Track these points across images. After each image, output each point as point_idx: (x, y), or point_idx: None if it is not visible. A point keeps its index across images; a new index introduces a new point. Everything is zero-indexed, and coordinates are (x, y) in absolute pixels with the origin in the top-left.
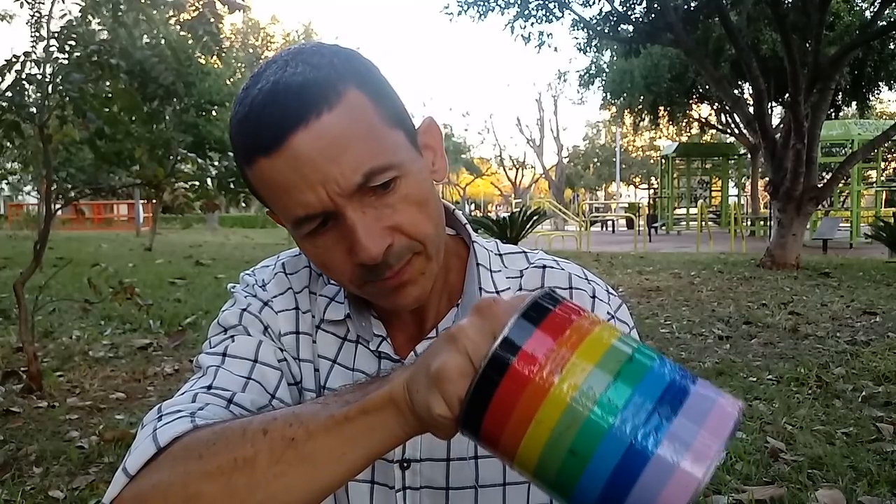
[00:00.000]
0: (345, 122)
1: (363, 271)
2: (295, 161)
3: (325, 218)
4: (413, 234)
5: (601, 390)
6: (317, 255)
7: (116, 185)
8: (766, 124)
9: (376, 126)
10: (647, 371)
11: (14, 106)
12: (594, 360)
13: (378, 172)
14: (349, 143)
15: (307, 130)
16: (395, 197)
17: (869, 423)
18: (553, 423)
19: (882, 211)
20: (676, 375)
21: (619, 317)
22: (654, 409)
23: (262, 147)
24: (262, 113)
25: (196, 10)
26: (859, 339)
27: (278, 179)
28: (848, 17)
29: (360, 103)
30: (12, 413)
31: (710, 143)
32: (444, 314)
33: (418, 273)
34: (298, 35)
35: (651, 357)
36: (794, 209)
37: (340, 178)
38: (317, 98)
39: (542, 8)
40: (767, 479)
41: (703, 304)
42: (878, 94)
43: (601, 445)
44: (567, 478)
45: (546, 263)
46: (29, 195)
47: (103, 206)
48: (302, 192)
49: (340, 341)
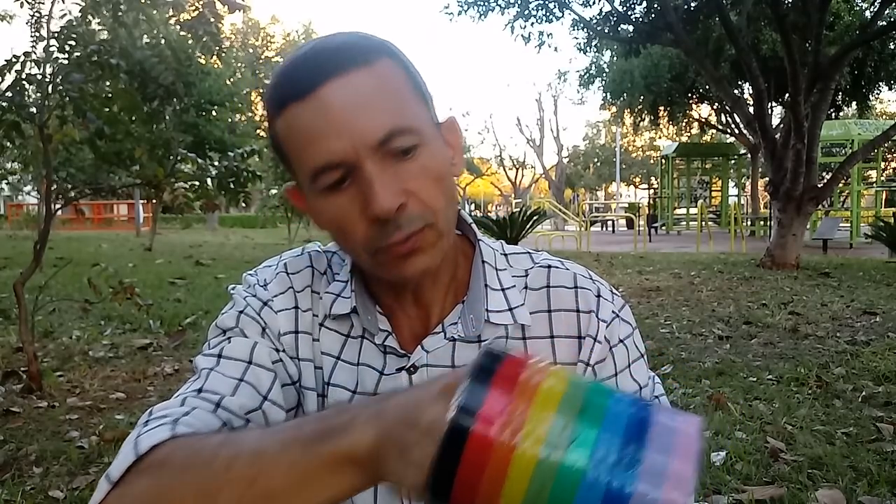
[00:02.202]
0: (376, 80)
1: (375, 232)
2: (325, 108)
3: (345, 174)
4: (427, 203)
5: (567, 439)
6: (331, 216)
7: (116, 185)
8: (766, 124)
9: (405, 93)
10: (606, 411)
11: (14, 106)
12: (552, 410)
13: (401, 133)
14: (378, 99)
15: (339, 80)
16: (415, 165)
17: (869, 423)
18: (525, 482)
19: (882, 211)
20: (633, 408)
21: (623, 317)
22: (622, 448)
23: (295, 93)
24: (300, 65)
25: (196, 10)
26: (859, 339)
27: (306, 126)
28: (848, 17)
29: (392, 71)
30: (12, 413)
31: (710, 143)
32: (450, 310)
33: (428, 244)
34: (298, 35)
35: (605, 394)
36: (794, 209)
37: (365, 130)
38: (353, 55)
39: (542, 8)
40: (767, 479)
41: (703, 304)
42: (878, 94)
43: (579, 495)
44: None
45: (551, 263)
46: (29, 195)
47: (103, 206)
48: (327, 138)
49: (344, 338)
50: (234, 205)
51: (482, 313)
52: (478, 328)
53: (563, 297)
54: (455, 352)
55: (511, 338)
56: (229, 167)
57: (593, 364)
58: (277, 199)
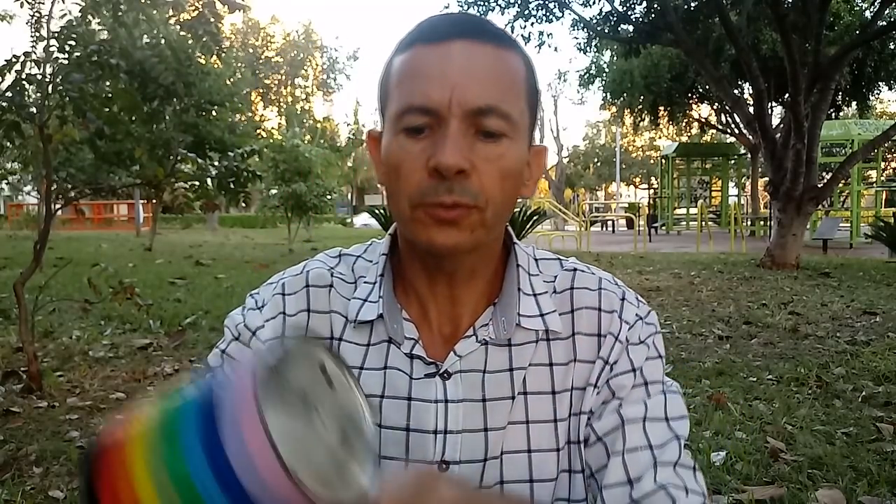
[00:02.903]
0: (500, 63)
1: (428, 186)
2: (445, 58)
3: (429, 123)
4: (486, 188)
5: (162, 456)
6: (396, 158)
7: (116, 185)
8: (766, 124)
9: (518, 92)
10: (180, 428)
11: (14, 106)
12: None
13: (497, 116)
14: (493, 76)
15: (470, 43)
16: (492, 150)
17: (869, 423)
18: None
19: (882, 211)
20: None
21: (647, 321)
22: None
23: (425, 37)
24: (442, 19)
25: (196, 10)
26: (859, 339)
27: (419, 66)
28: (848, 17)
29: (518, 68)
30: (12, 413)
31: (710, 143)
32: (482, 312)
33: (468, 224)
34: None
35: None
36: (794, 209)
37: (468, 93)
38: (494, 32)
39: (542, 8)
40: (767, 479)
41: (703, 304)
42: (878, 94)
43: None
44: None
45: (577, 267)
46: (29, 195)
47: (103, 206)
48: (432, 84)
49: (365, 348)
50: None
51: (514, 317)
52: (509, 331)
53: (585, 297)
54: (487, 357)
55: (538, 340)
56: (229, 167)
57: (612, 362)
58: (277, 199)
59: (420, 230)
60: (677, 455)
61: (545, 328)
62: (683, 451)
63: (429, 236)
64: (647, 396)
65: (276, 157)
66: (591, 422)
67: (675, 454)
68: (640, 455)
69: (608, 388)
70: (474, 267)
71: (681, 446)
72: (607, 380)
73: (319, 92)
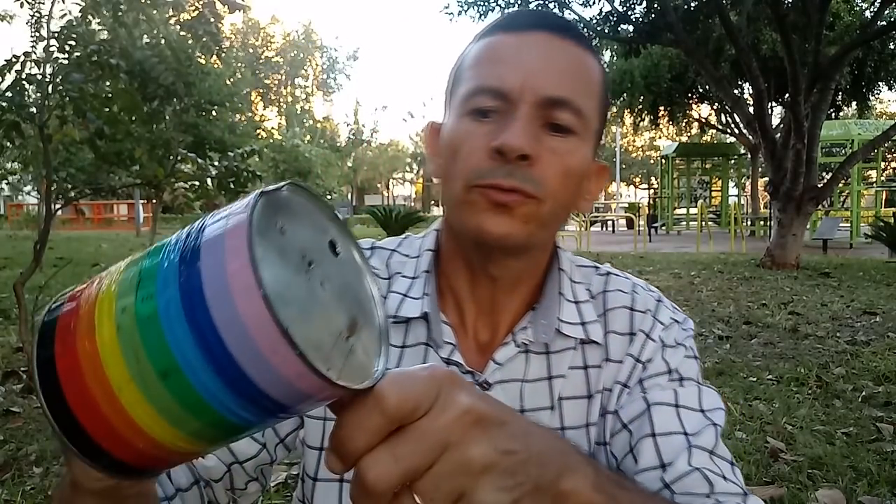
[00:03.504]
0: (578, 62)
1: (487, 166)
2: (525, 46)
3: (497, 107)
4: (546, 180)
5: (130, 301)
6: (458, 138)
7: (116, 185)
8: (766, 124)
9: (593, 92)
10: (160, 260)
11: (14, 106)
12: (115, 286)
13: (568, 110)
14: (569, 73)
15: (551, 36)
16: (560, 146)
17: (869, 423)
18: (118, 353)
19: (882, 211)
20: (182, 243)
21: (685, 326)
22: (181, 264)
23: (507, 26)
24: (526, 11)
25: (196, 10)
26: (859, 339)
27: (498, 51)
28: (848, 17)
29: (594, 71)
30: (12, 413)
31: (710, 143)
32: (521, 315)
33: (522, 214)
34: (298, 35)
35: (155, 253)
36: (794, 209)
37: (543, 82)
38: (576, 33)
39: (542, 8)
40: (767, 479)
41: (703, 304)
42: (878, 94)
43: (165, 326)
44: (186, 398)
45: (611, 271)
46: (29, 195)
47: (103, 206)
48: (507, 68)
49: (400, 350)
50: None
51: (554, 321)
52: (548, 336)
53: (618, 297)
54: (528, 365)
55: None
56: (229, 167)
57: (644, 361)
58: None
59: (471, 214)
60: (713, 443)
61: (586, 337)
62: (720, 442)
63: (479, 222)
64: (679, 386)
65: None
66: (617, 411)
67: (712, 441)
68: (672, 438)
69: (640, 387)
70: (520, 273)
71: (717, 435)
72: (640, 379)
73: (319, 92)
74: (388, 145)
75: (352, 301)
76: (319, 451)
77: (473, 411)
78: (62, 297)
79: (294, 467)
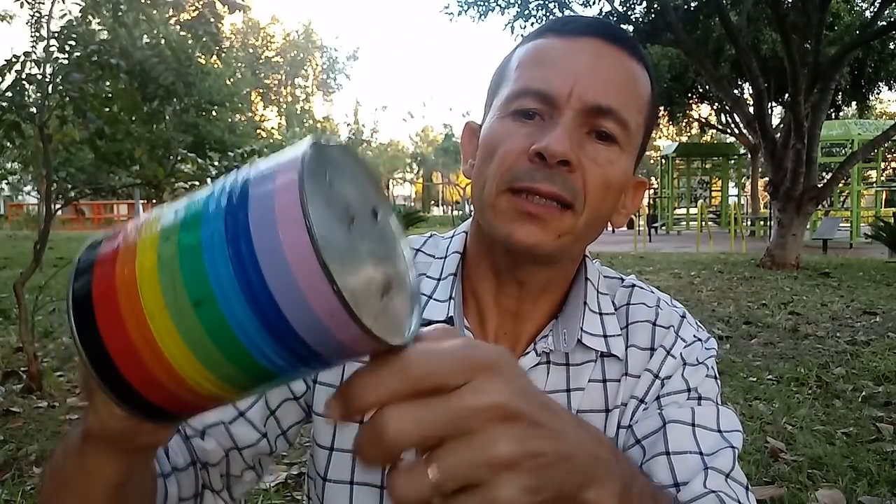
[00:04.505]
0: (629, 74)
1: (525, 169)
2: (576, 51)
3: (541, 110)
4: (588, 190)
5: (174, 228)
6: (495, 138)
7: (116, 185)
8: (766, 124)
9: (642, 105)
10: (205, 201)
11: (14, 106)
12: (157, 225)
13: (614, 120)
14: (618, 83)
15: (604, 44)
16: (602, 155)
17: (869, 423)
18: (155, 277)
19: (882, 211)
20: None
21: (708, 345)
22: (228, 205)
23: (559, 30)
24: (581, 18)
25: (196, 10)
26: (859, 339)
27: (547, 54)
28: (848, 17)
29: (646, 85)
30: (12, 413)
31: (710, 143)
32: (545, 325)
33: (555, 226)
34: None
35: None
36: (794, 209)
37: (591, 89)
38: (630, 44)
39: (542, 8)
40: (767, 479)
41: (703, 304)
42: (878, 94)
43: (206, 257)
44: (216, 330)
45: (636, 284)
46: (29, 195)
47: (103, 206)
48: (556, 72)
49: None
50: None
51: (576, 331)
52: (569, 345)
53: (641, 311)
54: (549, 376)
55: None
56: (229, 167)
57: (663, 378)
58: None
59: (501, 221)
60: (730, 466)
61: (608, 351)
62: (737, 466)
63: (510, 230)
64: (697, 405)
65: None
66: (631, 426)
67: (729, 464)
68: (687, 458)
69: (657, 403)
70: (547, 281)
71: (734, 458)
72: (657, 396)
73: (319, 92)
74: (388, 145)
75: (388, 263)
76: (330, 451)
77: (504, 407)
78: (103, 236)
79: (294, 467)
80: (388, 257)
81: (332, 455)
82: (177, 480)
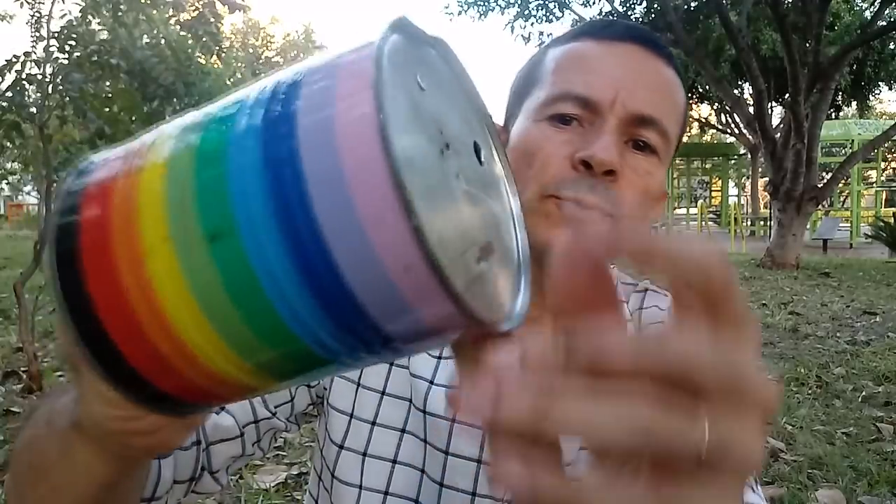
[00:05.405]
0: (669, 82)
1: (567, 177)
2: (619, 57)
3: (581, 115)
4: (624, 199)
5: (196, 136)
6: (532, 143)
7: None
8: (766, 124)
9: (678, 116)
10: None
11: (14, 106)
12: (175, 131)
13: (658, 129)
14: (662, 91)
15: (646, 52)
16: (643, 165)
17: (869, 423)
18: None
19: (882, 211)
20: None
21: None
22: (272, 95)
23: (598, 33)
24: (621, 23)
25: (196, 10)
26: (859, 339)
27: (587, 58)
28: (848, 17)
29: (682, 95)
30: (12, 413)
31: (710, 143)
32: None
33: None
34: (298, 35)
35: None
36: (794, 209)
37: (636, 97)
38: (668, 53)
39: (542, 8)
40: (767, 479)
41: None
42: (878, 94)
43: (234, 187)
44: (233, 274)
45: (649, 287)
46: (29, 195)
47: None
48: (599, 77)
49: (435, 360)
50: None
51: None
52: None
53: (653, 314)
54: None
55: None
56: None
57: None
58: None
59: (542, 226)
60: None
61: None
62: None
63: (545, 234)
64: None
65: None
66: None
67: None
68: None
69: None
70: None
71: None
72: None
73: None
74: None
75: (489, 217)
76: (340, 448)
77: None
78: (95, 158)
79: (294, 467)
80: (490, 210)
81: (342, 453)
82: (174, 462)
